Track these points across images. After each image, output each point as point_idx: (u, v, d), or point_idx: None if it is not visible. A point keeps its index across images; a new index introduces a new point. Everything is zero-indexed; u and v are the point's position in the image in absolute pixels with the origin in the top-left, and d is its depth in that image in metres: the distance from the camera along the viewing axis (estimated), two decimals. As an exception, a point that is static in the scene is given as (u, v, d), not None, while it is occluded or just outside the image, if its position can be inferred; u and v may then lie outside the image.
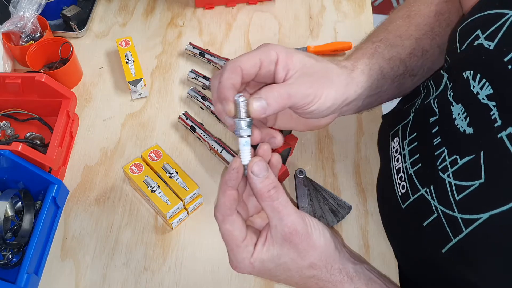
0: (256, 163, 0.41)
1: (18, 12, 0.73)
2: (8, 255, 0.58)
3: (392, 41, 0.54)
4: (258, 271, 0.43)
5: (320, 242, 0.43)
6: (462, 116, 0.44)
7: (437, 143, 0.48)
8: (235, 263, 0.43)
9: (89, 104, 0.73)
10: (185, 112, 0.69)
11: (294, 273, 0.44)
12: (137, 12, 0.85)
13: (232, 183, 0.41)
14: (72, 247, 0.60)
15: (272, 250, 0.42)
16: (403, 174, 0.53)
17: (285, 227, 0.41)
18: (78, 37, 0.81)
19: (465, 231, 0.42)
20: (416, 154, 0.51)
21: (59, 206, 0.61)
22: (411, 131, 0.54)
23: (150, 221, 0.62)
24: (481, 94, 0.42)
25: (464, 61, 0.45)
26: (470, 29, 0.45)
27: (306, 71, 0.45)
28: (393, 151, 0.57)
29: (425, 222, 0.47)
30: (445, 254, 0.44)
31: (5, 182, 0.61)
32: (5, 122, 0.69)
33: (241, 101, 0.41)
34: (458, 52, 0.46)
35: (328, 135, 0.69)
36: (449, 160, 0.45)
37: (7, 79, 0.64)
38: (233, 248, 0.42)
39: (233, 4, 0.85)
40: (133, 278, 0.57)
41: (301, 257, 0.42)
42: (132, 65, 0.74)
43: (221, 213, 0.42)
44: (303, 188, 0.62)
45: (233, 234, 0.42)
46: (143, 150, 0.65)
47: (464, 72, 0.45)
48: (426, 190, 0.48)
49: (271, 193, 0.40)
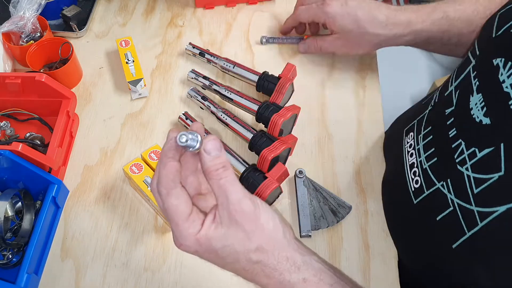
0: (210, 141, 0.40)
1: (18, 12, 0.73)
2: (8, 255, 0.58)
3: (466, 16, 0.61)
4: (205, 250, 0.41)
5: (268, 225, 0.42)
6: (479, 106, 0.44)
7: (453, 135, 0.47)
8: (180, 239, 0.41)
9: (89, 104, 0.73)
10: (185, 112, 0.69)
11: (241, 256, 0.42)
12: (137, 12, 0.85)
13: (171, 154, 0.40)
14: (72, 247, 0.60)
15: (220, 229, 0.41)
16: (417, 169, 0.53)
17: (230, 204, 0.40)
18: (78, 37, 0.81)
19: (480, 224, 0.41)
20: (431, 148, 0.51)
21: (59, 206, 0.61)
22: (427, 124, 0.54)
23: (150, 221, 0.62)
24: (506, 82, 0.41)
25: (498, 47, 0.45)
26: (510, 14, 0.45)
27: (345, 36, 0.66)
28: (406, 146, 0.57)
29: (439, 216, 0.47)
30: (456, 249, 0.44)
31: (5, 182, 0.61)
32: (5, 122, 0.69)
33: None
34: (493, 37, 0.46)
35: (328, 135, 0.69)
36: (467, 152, 0.45)
37: (7, 79, 0.64)
38: (178, 223, 0.40)
39: (233, 4, 0.85)
40: (133, 278, 0.57)
41: (248, 238, 0.41)
42: (132, 65, 0.73)
43: (164, 187, 0.40)
44: (303, 188, 0.62)
45: (178, 209, 0.40)
46: (143, 150, 0.65)
47: (494, 59, 0.44)
48: (442, 184, 0.48)
49: (219, 171, 0.40)
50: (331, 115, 0.71)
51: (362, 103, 0.72)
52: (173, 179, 0.40)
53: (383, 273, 0.57)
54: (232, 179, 0.40)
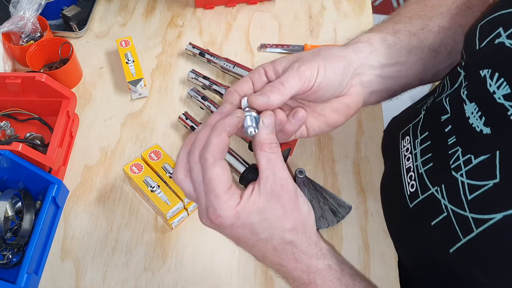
0: (269, 116, 0.42)
1: (18, 12, 0.73)
2: (8, 255, 0.58)
3: (398, 19, 0.54)
4: (241, 224, 0.41)
5: (304, 208, 0.43)
6: (476, 115, 0.44)
7: (451, 142, 0.47)
8: (219, 211, 0.40)
9: (89, 104, 0.73)
10: (185, 112, 0.69)
11: (276, 233, 0.42)
12: (137, 12, 0.85)
13: (230, 129, 0.41)
14: (72, 247, 0.60)
15: (258, 202, 0.41)
16: (413, 173, 0.53)
17: (277, 179, 0.41)
18: (78, 37, 0.81)
19: (476, 231, 0.41)
20: (429, 153, 0.51)
21: (59, 206, 0.61)
22: (423, 129, 0.54)
23: (150, 221, 0.62)
24: (497, 93, 0.41)
25: (482, 59, 0.45)
26: (491, 26, 0.44)
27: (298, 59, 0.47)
28: (403, 149, 0.57)
29: (434, 221, 0.47)
30: (453, 253, 0.44)
31: (5, 182, 0.61)
32: (5, 122, 0.69)
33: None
34: (477, 49, 0.46)
35: (328, 135, 0.69)
36: (462, 159, 0.45)
37: (7, 79, 0.65)
38: (219, 195, 0.40)
39: (233, 4, 0.85)
40: (133, 278, 0.57)
41: (286, 216, 0.42)
42: (132, 65, 0.74)
43: (212, 155, 0.40)
44: (303, 188, 0.62)
45: (222, 179, 0.40)
46: (143, 150, 0.65)
47: (481, 70, 0.44)
48: (436, 189, 0.48)
49: (273, 145, 0.41)
50: (331, 115, 0.71)
51: (362, 103, 0.72)
52: (222, 150, 0.41)
53: (383, 273, 0.57)
54: (281, 156, 0.41)
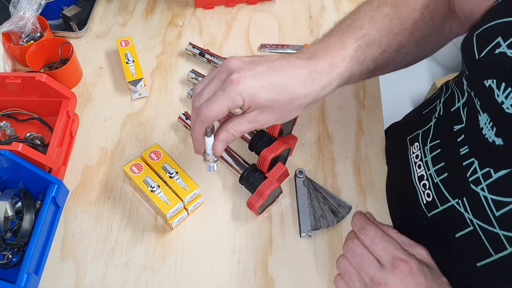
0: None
1: (18, 12, 0.73)
2: (8, 255, 0.58)
3: (372, 39, 0.52)
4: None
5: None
6: (488, 126, 0.43)
7: (464, 152, 0.47)
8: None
9: (89, 104, 0.73)
10: (185, 112, 0.69)
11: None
12: (137, 12, 0.85)
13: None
14: (72, 247, 0.60)
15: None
16: (428, 182, 0.52)
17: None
18: (78, 37, 0.81)
19: (509, 249, 0.41)
20: (441, 162, 0.51)
21: (59, 206, 0.61)
22: (433, 137, 0.54)
23: (150, 221, 0.62)
24: (505, 103, 0.41)
25: (485, 69, 0.44)
26: (489, 36, 0.44)
27: (270, 108, 0.49)
28: (412, 156, 0.56)
29: (458, 234, 0.47)
30: (481, 267, 0.43)
31: (5, 182, 0.61)
32: (5, 122, 0.69)
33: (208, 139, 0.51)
34: (477, 59, 0.45)
35: (328, 135, 0.69)
36: (481, 172, 0.44)
37: (7, 79, 0.65)
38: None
39: (233, 4, 0.85)
40: (133, 278, 0.57)
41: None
42: (132, 65, 0.74)
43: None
44: (303, 188, 0.62)
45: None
46: (143, 150, 0.65)
47: (485, 81, 0.43)
48: (457, 202, 0.47)
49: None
50: (331, 115, 0.71)
51: (362, 103, 0.72)
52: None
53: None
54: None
